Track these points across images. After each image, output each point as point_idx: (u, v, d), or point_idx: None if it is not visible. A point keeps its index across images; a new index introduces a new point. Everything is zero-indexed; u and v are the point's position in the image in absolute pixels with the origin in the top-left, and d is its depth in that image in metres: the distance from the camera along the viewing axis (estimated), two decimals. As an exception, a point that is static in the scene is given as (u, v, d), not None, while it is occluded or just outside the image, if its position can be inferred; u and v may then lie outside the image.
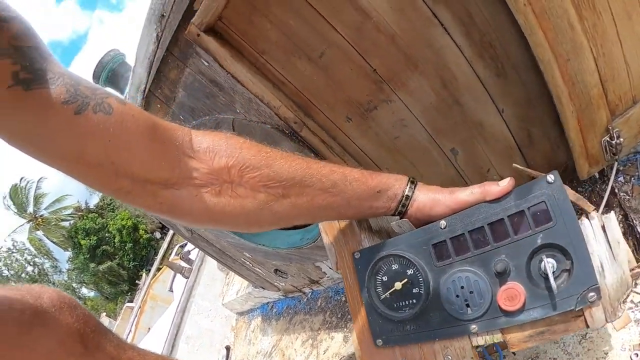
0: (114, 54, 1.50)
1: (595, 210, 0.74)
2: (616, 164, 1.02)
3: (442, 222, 0.80)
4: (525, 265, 0.72)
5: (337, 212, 0.81)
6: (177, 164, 0.68)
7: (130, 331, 5.39)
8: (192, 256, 2.89)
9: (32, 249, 24.63)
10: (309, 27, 0.92)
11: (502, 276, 0.73)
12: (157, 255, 3.23)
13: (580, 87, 0.86)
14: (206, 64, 1.04)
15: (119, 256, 23.55)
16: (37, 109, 0.57)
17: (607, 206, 1.06)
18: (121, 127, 0.63)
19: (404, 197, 0.81)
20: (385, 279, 0.86)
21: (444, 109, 0.97)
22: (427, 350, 0.83)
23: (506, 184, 0.74)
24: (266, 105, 1.04)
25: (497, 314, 0.74)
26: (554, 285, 0.67)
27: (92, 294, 27.79)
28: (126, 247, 23.27)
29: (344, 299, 1.66)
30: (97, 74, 1.52)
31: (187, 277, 2.66)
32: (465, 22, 0.83)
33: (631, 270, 0.72)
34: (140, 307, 6.29)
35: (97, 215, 25.04)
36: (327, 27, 0.91)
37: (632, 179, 1.09)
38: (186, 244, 3.72)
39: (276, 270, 1.74)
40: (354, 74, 0.95)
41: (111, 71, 1.48)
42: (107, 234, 23.68)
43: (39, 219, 24.09)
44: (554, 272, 0.68)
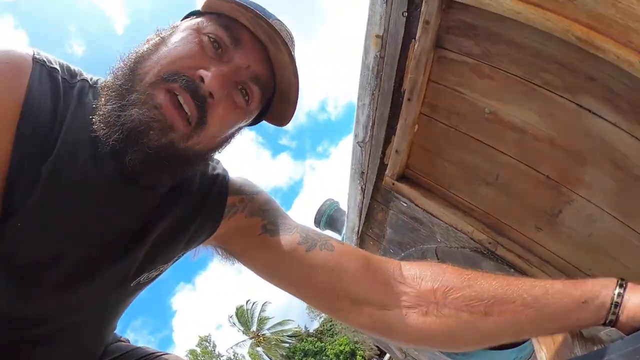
0: (329, 203, 1.85)
1: None
2: None
3: None
4: None
5: (542, 327, 0.80)
6: (389, 288, 0.77)
7: None
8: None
9: None
10: (480, 157, 1.06)
11: None
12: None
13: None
14: (405, 205, 1.25)
15: (333, 381, 23.79)
16: (279, 248, 0.79)
17: None
18: (341, 260, 0.79)
19: (613, 305, 0.75)
20: None
21: (627, 190, 0.95)
22: None
23: None
24: (460, 231, 1.17)
25: None
26: None
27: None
28: (341, 374, 23.49)
29: None
30: (317, 220, 1.88)
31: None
32: (609, 99, 0.85)
33: None
34: None
35: (316, 339, 26.27)
36: (494, 152, 1.04)
37: None
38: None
39: (496, 392, 1.67)
40: (530, 186, 1.02)
41: (329, 217, 1.82)
42: (324, 357, 24.40)
43: (261, 337, 26.24)
44: None
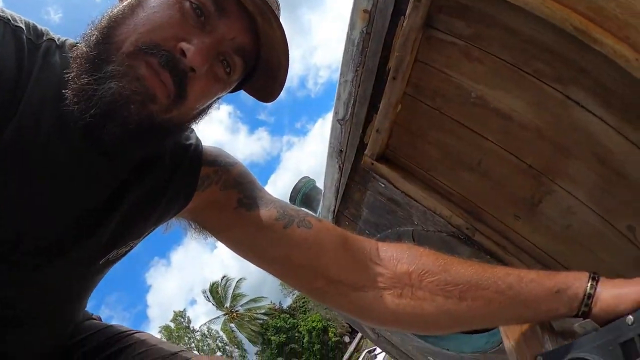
0: (305, 181, 1.82)
1: None
2: None
3: (630, 318, 0.72)
4: None
5: (514, 314, 0.79)
6: (365, 268, 0.77)
7: None
8: (379, 358, 2.92)
9: (224, 337, 27.00)
10: (463, 142, 1.04)
11: None
12: (343, 358, 3.34)
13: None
14: (383, 186, 1.22)
15: (305, 356, 24.25)
16: (257, 224, 0.77)
17: None
18: (319, 238, 0.78)
19: (586, 296, 0.77)
20: None
21: (608, 186, 0.94)
22: None
23: None
24: (439, 215, 1.16)
25: None
26: None
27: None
28: (314, 348, 23.90)
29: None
30: (293, 198, 1.84)
31: (375, 380, 2.69)
32: (599, 93, 0.84)
33: None
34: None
35: (289, 315, 26.64)
36: (479, 138, 1.02)
37: None
38: (374, 349, 3.79)
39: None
40: (512, 174, 1.01)
41: (305, 195, 1.78)
42: (296, 334, 24.80)
43: (234, 314, 26.55)
44: None
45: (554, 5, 0.76)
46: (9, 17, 0.59)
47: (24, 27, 0.60)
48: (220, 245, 0.83)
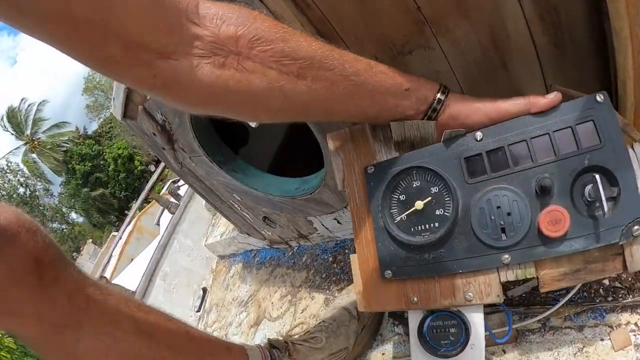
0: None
1: None
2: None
3: (479, 134, 0.71)
4: (569, 188, 0.63)
5: (358, 106, 0.72)
6: (178, 28, 0.59)
7: (113, 257, 5.38)
8: (181, 192, 2.79)
9: (25, 171, 24.65)
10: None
11: (544, 197, 0.65)
12: (147, 185, 3.14)
13: None
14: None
15: (111, 185, 23.64)
16: None
17: None
18: None
19: (436, 101, 0.72)
20: (403, 197, 0.77)
21: (488, 70, 0.85)
22: (445, 285, 0.74)
23: (553, 96, 0.67)
24: (285, 25, 0.92)
25: (534, 243, 0.65)
26: (605, 207, 0.59)
27: (80, 219, 28.16)
28: (119, 177, 23.34)
29: (331, 259, 1.58)
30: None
31: (173, 213, 2.57)
32: None
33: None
34: (125, 238, 6.28)
35: (94, 142, 24.99)
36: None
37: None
38: (178, 180, 3.63)
39: (265, 218, 1.65)
40: (393, 8, 0.81)
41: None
42: (102, 162, 23.73)
43: (36, 142, 23.97)
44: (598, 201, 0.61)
45: None
46: None
47: None
48: (20, 59, 0.46)
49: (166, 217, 3.21)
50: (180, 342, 0.91)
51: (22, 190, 25.24)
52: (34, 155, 24.20)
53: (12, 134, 23.66)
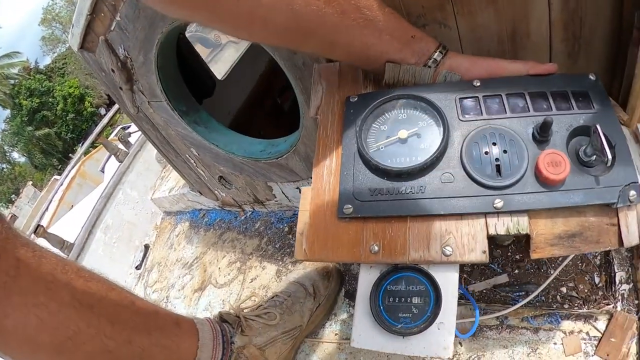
0: None
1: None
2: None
3: (476, 81, 0.67)
4: (565, 141, 0.60)
5: (363, 42, 0.67)
6: None
7: (52, 204, 5.07)
8: (132, 139, 2.60)
9: None
10: None
11: (542, 142, 0.60)
12: (96, 129, 2.91)
13: None
14: None
15: (58, 125, 22.40)
16: None
17: None
18: None
19: (437, 52, 0.69)
20: (385, 127, 0.68)
21: None
22: (418, 232, 0.61)
23: (551, 64, 0.67)
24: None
25: (531, 188, 0.58)
26: (608, 152, 0.55)
27: (22, 159, 26.64)
28: (67, 117, 22.15)
29: (287, 229, 1.50)
30: None
31: (121, 162, 2.39)
32: None
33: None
34: (67, 183, 5.93)
35: (45, 77, 23.48)
36: None
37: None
38: (129, 127, 3.41)
39: (221, 177, 1.53)
40: None
41: None
42: (51, 99, 22.35)
43: None
44: (595, 156, 0.57)
45: None
46: None
47: None
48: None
49: (112, 165, 3.01)
50: (125, 316, 0.78)
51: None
52: (-21, 85, 22.48)
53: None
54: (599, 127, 0.56)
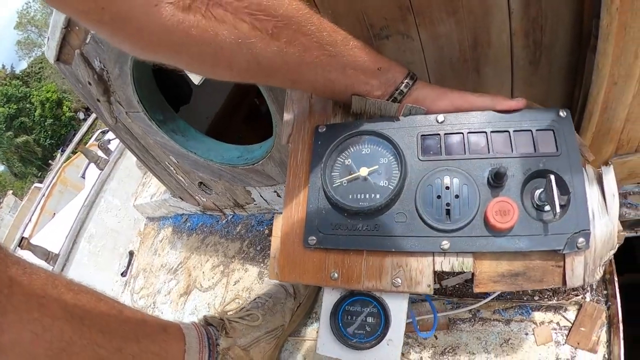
0: None
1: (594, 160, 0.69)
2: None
3: (440, 116, 0.69)
4: (520, 186, 0.62)
5: (327, 78, 0.68)
6: None
7: (35, 214, 5.00)
8: (112, 146, 2.60)
9: None
10: None
11: (495, 189, 0.63)
12: (75, 136, 2.88)
13: (609, 114, 0.78)
14: None
15: (36, 131, 21.98)
16: None
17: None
18: None
19: (404, 84, 0.69)
20: (348, 162, 0.71)
21: (460, 70, 0.83)
22: (372, 264, 0.67)
23: (519, 99, 0.67)
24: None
25: (478, 232, 0.62)
26: (557, 207, 0.57)
27: (1, 168, 26.05)
28: (46, 123, 21.75)
29: (267, 231, 1.53)
30: None
31: (102, 169, 2.39)
32: None
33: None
34: (48, 190, 5.85)
35: (21, 82, 23.00)
36: None
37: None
38: (108, 131, 3.38)
39: (201, 183, 1.55)
40: None
41: None
42: (28, 105, 21.91)
43: None
44: (547, 203, 0.60)
45: None
46: None
47: None
48: None
49: (92, 170, 3.00)
50: (114, 325, 0.82)
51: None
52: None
53: None
54: (552, 178, 0.58)
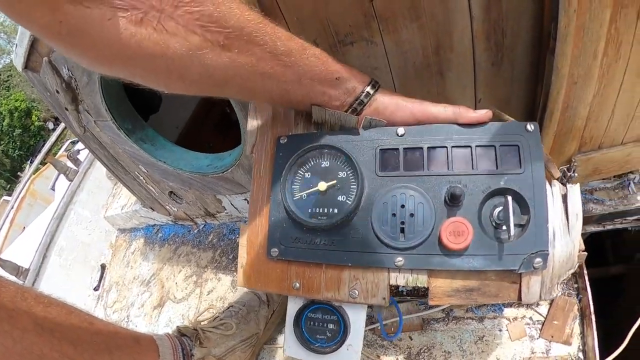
0: None
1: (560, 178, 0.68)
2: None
3: (401, 129, 0.68)
4: (478, 205, 0.62)
5: (283, 88, 0.67)
6: None
7: (3, 228, 4.84)
8: (81, 157, 2.54)
9: None
10: None
11: (452, 208, 0.63)
12: (44, 147, 2.81)
13: (570, 113, 0.80)
14: None
15: (4, 142, 21.33)
16: None
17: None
18: None
19: (364, 94, 0.69)
20: (308, 175, 0.72)
21: (424, 74, 0.84)
22: (331, 276, 0.70)
23: (483, 113, 0.66)
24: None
25: (432, 251, 0.63)
26: (512, 231, 0.58)
27: (-32, 181, 25.18)
28: (14, 133, 21.10)
29: (239, 240, 1.51)
30: None
31: (71, 180, 2.33)
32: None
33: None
34: (17, 203, 5.68)
35: (-13, 90, 22.31)
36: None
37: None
38: (78, 142, 3.31)
39: (171, 193, 1.53)
40: None
41: None
42: (-4, 114, 21.27)
43: None
44: (504, 222, 0.60)
45: None
46: None
47: None
48: None
49: (62, 182, 2.93)
50: (85, 337, 0.80)
51: None
52: None
53: None
54: (510, 199, 0.59)
